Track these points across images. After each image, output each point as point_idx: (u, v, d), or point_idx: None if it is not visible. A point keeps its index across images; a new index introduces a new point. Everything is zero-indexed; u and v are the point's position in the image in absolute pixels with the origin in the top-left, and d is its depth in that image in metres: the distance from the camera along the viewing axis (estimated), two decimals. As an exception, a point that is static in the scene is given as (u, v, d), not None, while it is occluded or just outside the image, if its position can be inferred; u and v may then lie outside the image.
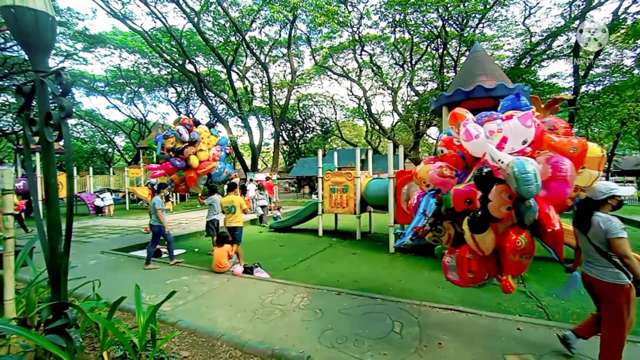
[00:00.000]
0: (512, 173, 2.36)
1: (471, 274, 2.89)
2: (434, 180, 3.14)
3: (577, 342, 2.99)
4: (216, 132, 7.73)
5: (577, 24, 15.08)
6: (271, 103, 26.14)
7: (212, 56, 24.60)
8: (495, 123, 2.72)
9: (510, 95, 3.11)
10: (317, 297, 4.55)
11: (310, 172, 24.99)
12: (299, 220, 10.40)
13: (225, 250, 5.72)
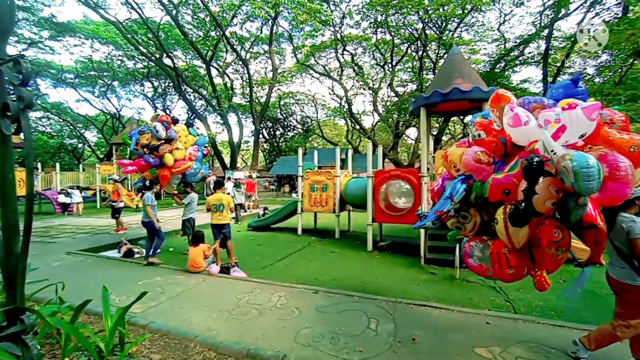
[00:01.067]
0: (569, 167, 2.16)
1: (511, 270, 2.73)
2: (468, 166, 2.92)
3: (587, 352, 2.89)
4: (195, 131, 7.54)
5: (546, 32, 15.87)
6: (251, 100, 25.79)
7: (191, 51, 23.94)
8: (554, 112, 2.44)
9: (565, 80, 2.91)
10: (294, 295, 4.53)
11: (291, 170, 24.88)
12: (278, 219, 10.34)
13: (201, 249, 5.59)
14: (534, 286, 2.79)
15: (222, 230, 6.15)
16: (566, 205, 2.30)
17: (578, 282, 3.02)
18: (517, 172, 2.55)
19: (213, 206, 6.15)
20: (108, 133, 32.14)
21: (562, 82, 2.86)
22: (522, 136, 2.63)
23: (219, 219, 6.14)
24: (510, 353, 3.04)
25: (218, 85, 26.54)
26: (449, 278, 5.50)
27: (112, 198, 9.21)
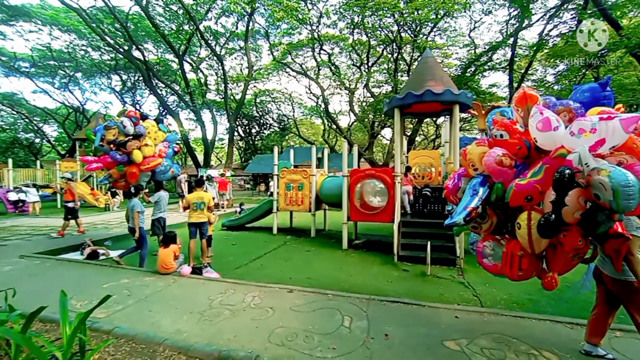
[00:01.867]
0: (607, 184, 2.10)
1: (521, 272, 2.83)
2: (489, 167, 2.84)
3: (598, 349, 2.98)
4: (165, 127, 7.24)
5: (512, 40, 16.75)
6: (226, 97, 25.24)
7: (162, 44, 23.02)
8: (590, 121, 2.32)
9: (592, 83, 2.81)
10: (268, 295, 4.48)
11: (267, 169, 24.60)
12: (253, 218, 10.18)
13: (172, 250, 5.39)
14: (542, 285, 2.86)
15: (200, 228, 6.17)
16: (595, 217, 2.28)
17: (587, 277, 3.14)
18: (540, 178, 2.49)
19: (194, 204, 6.11)
20: (70, 128, 30.11)
21: (590, 85, 2.77)
22: (550, 141, 2.55)
23: (200, 217, 6.13)
24: (476, 344, 3.17)
25: (191, 81, 25.73)
26: (420, 275, 5.67)
27: (65, 198, 8.65)
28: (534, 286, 5.06)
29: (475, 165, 3.12)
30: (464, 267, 6.02)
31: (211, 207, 6.37)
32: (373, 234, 8.97)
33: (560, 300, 4.54)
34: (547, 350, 3.06)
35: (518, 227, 2.63)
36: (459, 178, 3.44)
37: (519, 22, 16.46)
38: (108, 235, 8.58)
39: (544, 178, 2.47)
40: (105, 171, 6.94)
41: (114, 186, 7.60)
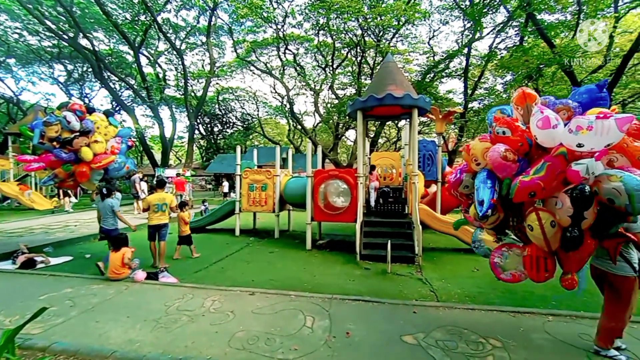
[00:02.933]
0: (621, 189, 2.23)
1: (547, 273, 2.89)
2: (494, 162, 2.89)
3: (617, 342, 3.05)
4: (116, 121, 6.73)
5: (466, 50, 17.90)
6: (186, 93, 24.11)
7: (115, 34, 21.37)
8: (587, 119, 2.43)
9: (589, 85, 2.95)
10: (229, 299, 4.35)
11: (229, 169, 23.91)
12: (215, 220, 9.84)
13: (123, 254, 5.03)
14: (560, 284, 2.96)
15: (159, 231, 6.05)
16: (605, 220, 2.43)
17: (582, 272, 3.24)
18: (542, 175, 2.59)
19: (154, 206, 5.97)
20: (2, 121, 26.85)
21: (588, 87, 2.89)
22: (550, 139, 2.68)
23: (160, 219, 6.03)
24: (431, 337, 3.34)
25: (148, 75, 24.22)
26: (381, 272, 5.84)
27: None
28: (483, 280, 5.48)
29: (478, 160, 3.21)
30: (422, 264, 6.31)
31: (173, 208, 6.28)
32: (336, 233, 9.09)
33: (506, 291, 4.93)
34: (493, 338, 3.31)
35: (530, 229, 2.69)
36: (460, 172, 3.55)
37: (472, 34, 17.64)
38: (48, 241, 7.79)
39: (546, 175, 2.57)
40: (49, 171, 6.29)
41: (61, 186, 6.93)
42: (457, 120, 17.49)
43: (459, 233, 7.25)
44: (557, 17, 14.56)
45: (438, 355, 3.01)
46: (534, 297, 4.69)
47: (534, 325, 3.66)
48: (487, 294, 4.87)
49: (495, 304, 4.35)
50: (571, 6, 12.90)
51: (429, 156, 9.09)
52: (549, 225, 2.59)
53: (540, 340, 3.32)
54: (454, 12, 19.06)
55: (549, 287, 5.10)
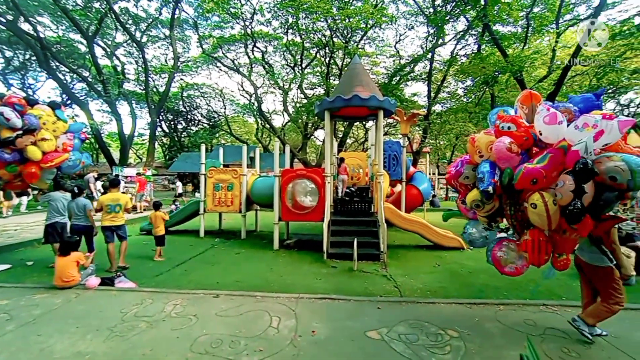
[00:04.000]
0: (624, 166, 2.46)
1: (547, 256, 3.07)
2: (499, 153, 3.09)
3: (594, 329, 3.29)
4: (64, 115, 6.19)
5: (430, 55, 18.71)
6: (147, 88, 22.86)
7: (65, 20, 19.70)
8: (594, 118, 2.67)
9: (587, 94, 3.17)
10: (192, 302, 4.19)
11: (194, 168, 23.05)
12: (178, 221, 9.43)
13: (74, 259, 4.65)
14: (554, 266, 3.22)
15: (117, 231, 5.87)
16: (607, 199, 2.60)
17: None
18: (545, 164, 2.81)
19: (107, 207, 5.71)
20: None
21: (586, 95, 3.16)
22: (554, 134, 2.91)
23: (114, 220, 5.82)
24: (394, 331, 3.45)
25: (105, 68, 22.64)
26: (348, 270, 5.94)
27: None
28: (443, 274, 5.76)
29: (481, 152, 3.43)
30: (387, 261, 6.50)
31: (128, 209, 6.01)
32: (304, 233, 9.09)
33: (464, 285, 5.23)
34: (451, 329, 3.49)
35: (534, 207, 2.84)
36: (462, 164, 3.74)
37: (435, 40, 18.48)
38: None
39: (548, 165, 2.80)
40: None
41: (6, 188, 6.26)
42: (421, 122, 18.22)
43: (422, 230, 7.58)
44: (509, 29, 15.70)
45: (400, 348, 3.12)
46: (489, 289, 5.01)
47: (487, 314, 3.91)
48: (447, 287, 5.12)
49: (454, 297, 4.59)
50: (521, 20, 13.96)
51: (394, 156, 9.39)
52: (551, 202, 2.78)
53: (492, 328, 3.56)
54: (419, 18, 19.83)
55: (501, 279, 5.49)
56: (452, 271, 5.94)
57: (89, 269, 4.87)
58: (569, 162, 2.73)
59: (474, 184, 3.59)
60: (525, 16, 13.55)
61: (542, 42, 16.47)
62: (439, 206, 17.22)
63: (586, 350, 3.12)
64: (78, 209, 5.71)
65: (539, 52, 13.37)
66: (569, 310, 4.01)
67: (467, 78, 19.88)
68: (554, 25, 13.26)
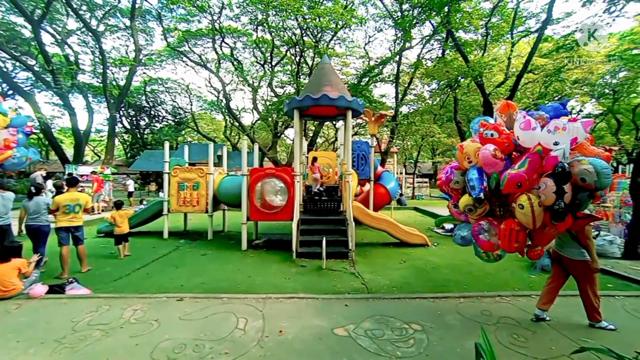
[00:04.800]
0: (591, 169, 2.81)
1: (517, 244, 3.27)
2: (485, 159, 3.32)
3: (544, 314, 3.71)
4: (3, 108, 5.62)
5: (398, 58, 19.26)
6: (105, 81, 21.39)
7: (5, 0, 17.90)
8: (562, 122, 3.02)
9: (555, 103, 3.53)
10: (154, 307, 3.99)
11: (158, 166, 21.90)
12: (139, 222, 8.95)
13: (15, 266, 4.25)
14: (527, 256, 3.53)
15: (74, 233, 5.56)
16: (581, 198, 2.95)
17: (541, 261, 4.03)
18: (525, 169, 3.07)
19: (65, 207, 5.37)
20: None
21: (554, 104, 3.52)
22: (530, 139, 3.20)
23: (72, 220, 5.52)
24: (361, 327, 3.52)
25: (55, 57, 20.88)
26: (317, 269, 5.96)
27: None
28: (409, 270, 5.96)
29: (470, 158, 3.65)
30: (355, 259, 6.61)
31: (88, 209, 5.75)
32: (274, 232, 8.99)
33: (428, 280, 5.44)
34: (415, 323, 3.62)
35: (521, 207, 3.08)
36: (451, 171, 3.96)
37: (403, 43, 19.05)
38: None
39: (528, 169, 3.07)
40: None
41: None
42: (389, 123, 18.72)
43: (389, 228, 7.79)
44: (471, 37, 16.57)
45: (366, 343, 3.19)
46: (451, 283, 5.26)
47: (449, 307, 4.10)
48: (412, 283, 5.31)
49: (418, 292, 4.76)
50: (481, 28, 14.78)
51: (362, 156, 9.56)
52: (537, 203, 3.03)
53: (453, 320, 3.75)
54: (387, 21, 20.33)
55: (462, 273, 5.80)
56: (417, 267, 6.16)
57: (32, 276, 4.47)
58: (547, 166, 3.02)
59: (464, 188, 3.81)
60: (484, 25, 14.38)
61: (499, 50, 17.58)
62: (405, 204, 17.83)
63: (532, 335, 3.39)
64: (39, 207, 5.45)
65: (496, 60, 14.25)
66: (521, 300, 4.33)
67: (433, 81, 20.72)
68: (509, 35, 14.20)
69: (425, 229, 9.78)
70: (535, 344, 3.21)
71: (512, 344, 3.20)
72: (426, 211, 14.90)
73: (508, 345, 3.18)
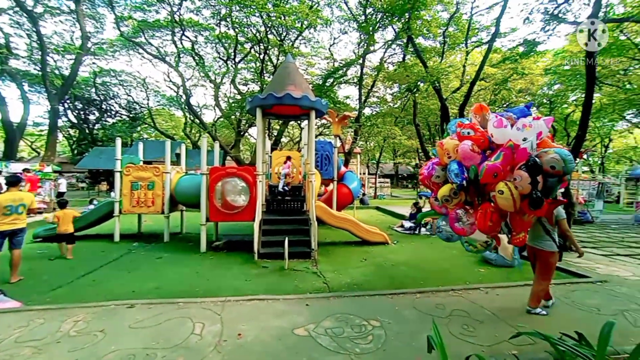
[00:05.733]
0: (558, 157, 3.25)
1: (491, 223, 3.60)
2: (464, 154, 3.69)
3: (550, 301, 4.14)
4: None
5: (361, 61, 19.70)
6: (44, 69, 19.43)
7: None
8: (528, 120, 3.49)
9: (521, 106, 3.92)
10: (99, 316, 3.69)
11: (109, 164, 20.34)
12: (87, 224, 8.23)
13: None
14: (512, 243, 3.82)
15: (14, 237, 5.07)
16: (551, 185, 3.40)
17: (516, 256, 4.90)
18: (500, 161, 3.47)
19: (6, 208, 4.91)
20: None
21: (520, 107, 3.91)
22: (502, 135, 3.63)
23: (15, 222, 5.02)
24: (321, 326, 3.54)
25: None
26: (279, 270, 5.89)
27: None
28: (369, 268, 6.11)
29: (449, 153, 4.01)
30: (318, 258, 6.64)
31: (34, 209, 5.43)
32: (235, 234, 8.75)
33: (387, 277, 5.61)
34: (374, 319, 3.72)
35: (501, 193, 3.42)
36: (432, 166, 4.30)
37: (366, 46, 19.52)
38: None
39: (503, 161, 3.47)
40: None
41: None
42: (352, 124, 19.08)
43: (351, 227, 7.94)
44: (430, 44, 17.44)
45: (326, 342, 3.21)
46: (408, 280, 5.47)
47: (406, 303, 4.26)
48: (372, 280, 5.44)
49: (378, 289, 4.89)
50: (439, 36, 15.63)
51: (326, 156, 9.64)
52: (514, 188, 3.38)
53: (409, 315, 3.90)
54: (352, 24, 20.71)
55: (419, 270, 6.06)
56: (377, 265, 6.34)
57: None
58: (518, 158, 3.45)
59: (444, 181, 4.18)
60: (442, 33, 15.21)
61: (455, 57, 18.70)
62: (368, 204, 18.28)
63: (480, 325, 3.64)
64: None
65: (452, 67, 15.16)
66: (471, 293, 4.63)
67: (394, 85, 21.48)
68: (465, 44, 15.17)
69: (386, 228, 10.10)
70: (482, 333, 3.45)
71: (462, 334, 3.41)
72: (387, 210, 15.40)
73: (458, 336, 3.37)
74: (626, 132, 28.93)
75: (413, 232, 9.73)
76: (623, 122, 24.57)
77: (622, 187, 19.98)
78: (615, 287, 4.99)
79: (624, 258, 6.92)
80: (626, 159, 29.07)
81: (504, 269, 6.05)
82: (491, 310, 4.03)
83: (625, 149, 28.99)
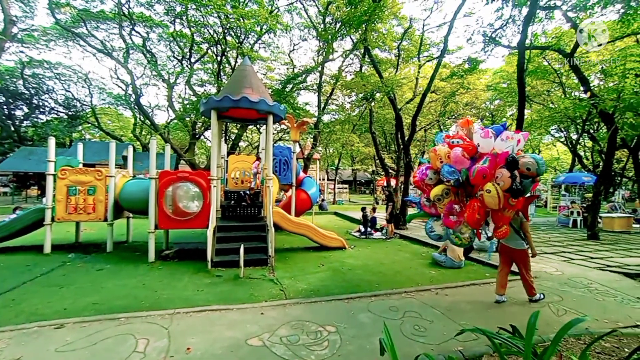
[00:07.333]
0: (532, 161, 3.89)
1: (479, 216, 4.03)
2: (456, 159, 4.21)
3: (503, 297, 4.64)
4: None
5: (320, 68, 20.02)
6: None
7: None
8: (510, 133, 4.18)
9: (498, 125, 4.45)
10: (19, 340, 3.24)
11: (41, 167, 18.20)
12: (8, 235, 7.24)
13: None
14: (495, 234, 4.27)
15: None
16: (525, 185, 3.96)
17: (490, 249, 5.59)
18: (487, 165, 3.99)
19: None
20: None
21: (497, 126, 4.46)
22: (487, 144, 4.20)
23: None
24: (276, 335, 3.46)
25: None
26: (234, 278, 5.67)
27: None
28: (326, 274, 6.13)
29: (442, 159, 4.46)
30: (275, 265, 6.52)
31: None
32: (188, 241, 8.29)
33: (343, 282, 5.67)
34: (330, 325, 3.73)
35: (488, 192, 3.88)
36: (426, 170, 4.73)
37: (325, 54, 19.88)
38: None
39: (490, 165, 4.00)
40: None
41: None
42: (311, 130, 19.24)
43: (309, 233, 7.94)
44: (386, 55, 18.28)
45: (280, 351, 3.14)
46: (363, 283, 5.57)
47: (361, 306, 4.34)
48: (329, 285, 5.46)
49: (334, 294, 4.92)
50: (394, 49, 16.47)
51: (284, 161, 9.58)
52: (500, 188, 3.87)
53: (364, 318, 3.97)
54: (312, 32, 20.99)
55: (374, 273, 6.22)
56: (334, 269, 6.39)
57: None
58: (500, 161, 4.00)
59: (436, 183, 4.64)
60: (397, 47, 16.04)
61: (409, 70, 19.80)
62: (326, 209, 18.48)
63: (430, 324, 3.82)
64: None
65: (406, 78, 16.03)
66: (423, 294, 4.86)
67: (352, 93, 22.10)
68: (417, 58, 16.14)
69: (343, 233, 10.27)
70: (432, 332, 3.62)
71: (414, 335, 3.55)
72: (345, 215, 15.69)
73: (410, 336, 3.51)
74: (551, 145, 32.84)
75: (367, 236, 10.02)
76: (549, 136, 27.82)
77: (549, 193, 22.54)
78: (543, 282, 5.57)
79: (550, 256, 7.76)
80: (552, 169, 32.91)
81: (453, 270, 6.45)
82: (440, 310, 4.26)
83: (550, 159, 32.80)
